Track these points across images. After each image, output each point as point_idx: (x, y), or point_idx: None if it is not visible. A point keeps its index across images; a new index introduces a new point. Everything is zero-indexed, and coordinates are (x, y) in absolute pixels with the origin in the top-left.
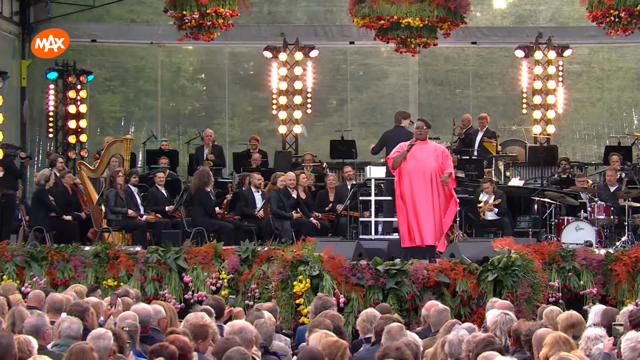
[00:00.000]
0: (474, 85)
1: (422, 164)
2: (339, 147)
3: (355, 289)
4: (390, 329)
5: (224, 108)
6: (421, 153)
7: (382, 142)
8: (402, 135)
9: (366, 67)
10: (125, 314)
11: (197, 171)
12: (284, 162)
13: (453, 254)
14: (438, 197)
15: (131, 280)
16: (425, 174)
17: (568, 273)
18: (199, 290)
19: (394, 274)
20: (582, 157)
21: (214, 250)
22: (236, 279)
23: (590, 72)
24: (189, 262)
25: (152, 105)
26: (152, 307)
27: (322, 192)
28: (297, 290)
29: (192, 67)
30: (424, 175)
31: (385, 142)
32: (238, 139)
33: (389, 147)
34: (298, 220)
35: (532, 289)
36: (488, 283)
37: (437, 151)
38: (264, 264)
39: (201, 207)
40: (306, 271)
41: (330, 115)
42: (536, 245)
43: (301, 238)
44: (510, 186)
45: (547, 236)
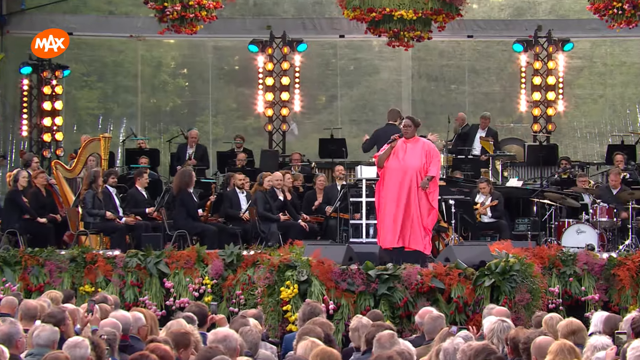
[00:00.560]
0: (470, 80)
1: (404, 164)
2: (328, 146)
3: (346, 294)
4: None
5: (208, 105)
6: (406, 152)
7: (374, 140)
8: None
9: (357, 61)
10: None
11: (178, 171)
12: (271, 161)
13: (448, 258)
14: (417, 199)
15: (109, 286)
16: (406, 175)
17: (569, 278)
18: (181, 297)
19: (386, 279)
20: (583, 157)
21: (197, 255)
22: (220, 285)
23: (592, 67)
24: (170, 266)
25: (131, 102)
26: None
27: (310, 193)
28: (284, 297)
29: (174, 62)
30: (404, 174)
31: (376, 140)
32: (222, 137)
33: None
34: (285, 222)
35: (531, 295)
36: (485, 289)
37: (425, 150)
38: (250, 269)
39: (183, 209)
40: (294, 276)
41: (319, 112)
42: (535, 249)
43: (288, 241)
44: (508, 187)
45: (547, 239)
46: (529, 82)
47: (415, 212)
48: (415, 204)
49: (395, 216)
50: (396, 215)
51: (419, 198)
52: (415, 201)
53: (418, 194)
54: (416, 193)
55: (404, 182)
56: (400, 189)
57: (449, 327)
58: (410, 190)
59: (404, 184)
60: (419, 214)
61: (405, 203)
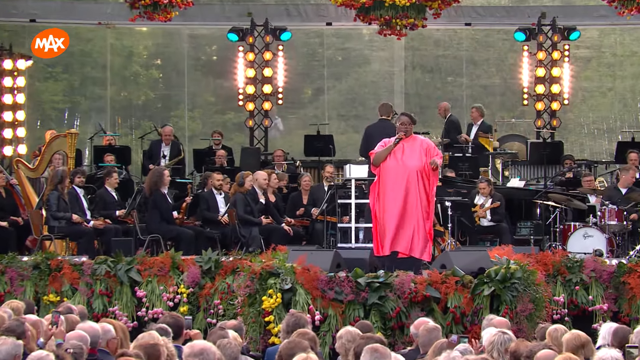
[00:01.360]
0: (467, 72)
1: (403, 164)
2: (314, 143)
3: (333, 304)
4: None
5: (183, 98)
6: (404, 152)
7: (367, 140)
8: (389, 129)
9: (345, 51)
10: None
11: (151, 170)
12: (252, 159)
13: (444, 265)
14: (419, 201)
15: (76, 295)
16: (404, 175)
17: (575, 287)
18: (154, 307)
19: (377, 287)
20: (590, 155)
21: (172, 261)
22: (197, 294)
23: (600, 58)
24: (142, 274)
25: (100, 95)
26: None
27: (295, 194)
28: (266, 306)
29: (147, 52)
30: (403, 176)
31: (369, 138)
32: (199, 133)
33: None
34: (268, 226)
35: (534, 305)
36: (484, 298)
37: (423, 147)
38: (229, 277)
39: (156, 211)
40: (277, 284)
41: (305, 106)
42: (539, 254)
43: (271, 247)
44: (509, 187)
45: (551, 244)
46: (531, 74)
47: (416, 215)
48: (416, 207)
49: (393, 221)
50: (395, 220)
51: (420, 200)
52: (416, 204)
53: (419, 195)
54: (417, 195)
55: (403, 184)
56: (400, 191)
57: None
58: (410, 193)
59: (403, 186)
60: (420, 217)
61: (403, 206)
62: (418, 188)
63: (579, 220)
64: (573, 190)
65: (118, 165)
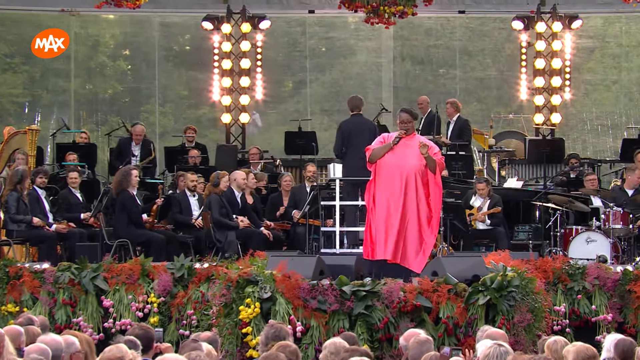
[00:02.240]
0: (461, 64)
1: (400, 162)
2: (295, 141)
3: (316, 314)
4: None
5: (154, 92)
6: (402, 149)
7: (342, 137)
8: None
9: (329, 41)
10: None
11: (119, 170)
12: (228, 158)
13: (436, 272)
14: (416, 205)
15: (37, 305)
16: (401, 175)
17: (577, 295)
18: (121, 317)
19: (364, 296)
20: (594, 153)
21: (141, 268)
22: (168, 303)
23: (604, 48)
24: (109, 282)
25: (63, 88)
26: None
27: (275, 195)
28: (243, 317)
29: (114, 41)
30: (400, 176)
31: (345, 135)
32: (171, 129)
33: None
34: (245, 230)
35: (533, 315)
36: (479, 307)
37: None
38: (203, 285)
39: (124, 214)
40: (255, 293)
41: (285, 100)
42: (538, 261)
43: (249, 252)
44: (505, 188)
45: (551, 250)
46: (530, 66)
47: (412, 220)
48: (412, 211)
49: (384, 224)
50: (385, 223)
51: (418, 204)
52: (412, 208)
53: (417, 199)
54: (414, 198)
55: (399, 185)
56: (394, 192)
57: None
58: (407, 195)
59: (399, 187)
60: (416, 223)
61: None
62: (416, 191)
63: (581, 223)
64: (575, 191)
65: (82, 164)
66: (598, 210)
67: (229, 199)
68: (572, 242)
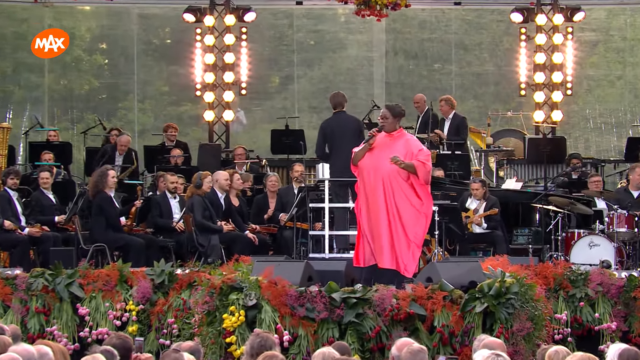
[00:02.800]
0: (457, 58)
1: (378, 164)
2: (282, 139)
3: (304, 323)
4: None
5: (132, 88)
6: (381, 150)
7: (323, 138)
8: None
9: (318, 35)
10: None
11: (95, 170)
12: (211, 158)
13: (430, 278)
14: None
15: (8, 314)
16: (380, 176)
17: (579, 303)
18: (98, 326)
19: (354, 304)
20: (597, 152)
21: (119, 274)
22: (148, 311)
23: (608, 42)
24: (85, 289)
25: (36, 84)
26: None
27: (261, 197)
28: (227, 326)
29: (90, 34)
30: (378, 177)
31: (327, 136)
32: (151, 127)
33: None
34: (229, 233)
35: (533, 324)
36: (475, 315)
37: (408, 148)
38: (185, 292)
39: (101, 217)
40: (239, 300)
41: (272, 97)
42: (538, 266)
43: (233, 257)
44: (504, 190)
45: (552, 255)
46: (530, 61)
47: (394, 224)
48: (393, 214)
49: (368, 228)
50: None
51: (398, 207)
52: (393, 209)
53: (395, 199)
54: (392, 199)
55: (377, 187)
56: (374, 195)
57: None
58: (387, 196)
59: (377, 190)
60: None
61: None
62: (394, 192)
63: (584, 227)
64: (577, 192)
65: (57, 164)
66: (601, 212)
67: (212, 201)
68: (574, 246)
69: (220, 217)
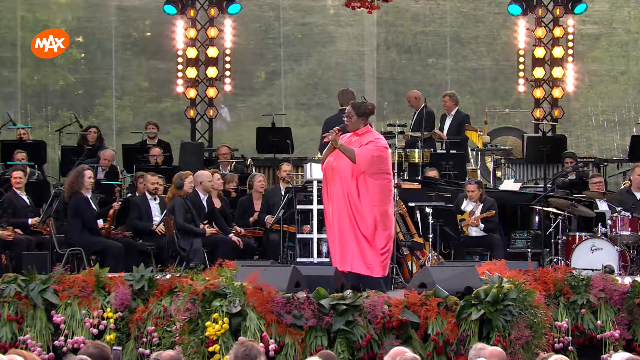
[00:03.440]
0: (452, 53)
1: (338, 164)
2: (268, 137)
3: (291, 331)
4: None
5: (110, 83)
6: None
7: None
8: None
9: (306, 28)
10: None
11: (72, 170)
12: (194, 157)
13: (424, 284)
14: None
15: None
16: (337, 176)
17: (580, 310)
18: (74, 335)
19: (344, 310)
20: (599, 152)
21: (96, 279)
22: (126, 319)
23: (611, 35)
24: (60, 295)
25: (8, 79)
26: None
27: (245, 198)
28: (210, 334)
29: (66, 26)
30: (335, 177)
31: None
32: (130, 125)
33: None
34: (212, 237)
35: (532, 332)
36: (471, 323)
37: (363, 142)
38: (165, 298)
39: (78, 220)
40: (223, 307)
41: (257, 93)
42: (537, 271)
43: (217, 262)
44: (501, 191)
45: (552, 259)
46: (529, 55)
47: (347, 223)
48: (346, 212)
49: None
50: (329, 229)
51: (352, 206)
52: (345, 210)
53: (349, 200)
54: (346, 200)
55: (331, 187)
56: (329, 195)
57: None
58: (343, 196)
59: (331, 189)
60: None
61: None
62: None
63: (586, 230)
64: (578, 194)
65: (30, 164)
66: (604, 215)
67: (194, 203)
68: (575, 250)
69: (203, 220)
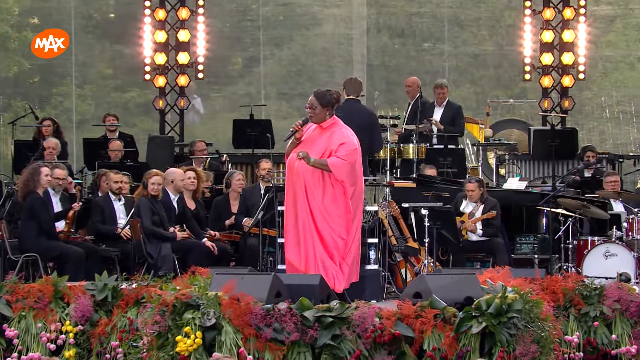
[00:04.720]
0: (451, 36)
1: (293, 161)
2: (246, 131)
3: (271, 346)
4: None
5: (69, 70)
6: (307, 143)
7: None
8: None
9: (288, 8)
10: None
11: (26, 167)
12: (163, 152)
13: (419, 294)
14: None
15: None
16: (298, 175)
17: (593, 322)
18: (29, 351)
19: (330, 323)
20: (614, 146)
21: (54, 289)
22: (88, 333)
23: (627, 17)
24: (13, 307)
25: None
26: None
27: (221, 199)
28: (181, 350)
29: (19, 7)
30: (297, 176)
31: None
32: (91, 117)
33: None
34: (184, 241)
35: (539, 347)
36: (472, 337)
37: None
38: (131, 310)
39: (33, 222)
40: (196, 320)
41: (234, 81)
42: (545, 279)
43: (189, 269)
44: (505, 190)
45: (562, 266)
46: (536, 39)
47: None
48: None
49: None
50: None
51: (312, 209)
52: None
53: (309, 200)
54: (305, 200)
55: (291, 185)
56: (290, 195)
57: None
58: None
59: (290, 188)
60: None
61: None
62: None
63: (599, 233)
64: (591, 193)
65: None
66: (619, 217)
67: (163, 204)
68: (587, 256)
69: (173, 223)
